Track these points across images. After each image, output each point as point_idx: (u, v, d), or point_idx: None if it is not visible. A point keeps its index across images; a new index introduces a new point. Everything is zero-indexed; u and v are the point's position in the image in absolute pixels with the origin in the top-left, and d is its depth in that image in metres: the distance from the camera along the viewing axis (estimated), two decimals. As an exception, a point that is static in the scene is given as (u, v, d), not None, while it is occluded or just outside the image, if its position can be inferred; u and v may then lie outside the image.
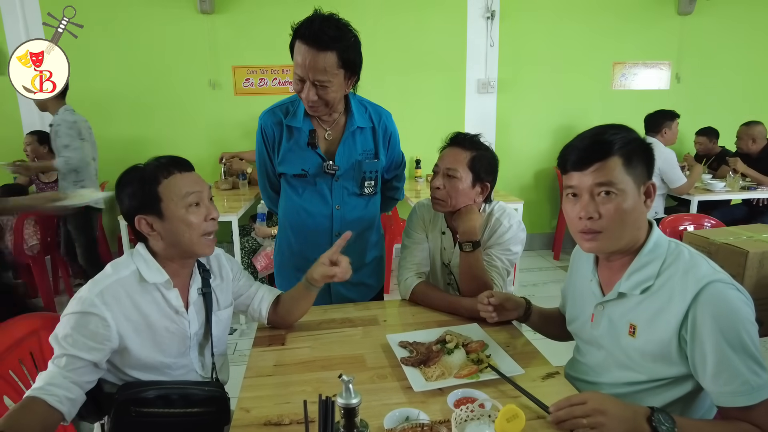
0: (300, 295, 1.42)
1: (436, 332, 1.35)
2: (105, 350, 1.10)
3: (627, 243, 1.09)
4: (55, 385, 1.02)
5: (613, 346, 1.14)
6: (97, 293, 1.10)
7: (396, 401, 1.08)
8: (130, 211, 1.18)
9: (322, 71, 1.39)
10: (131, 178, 1.18)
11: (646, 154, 1.07)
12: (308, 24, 1.38)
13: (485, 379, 1.14)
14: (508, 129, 4.64)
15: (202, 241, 1.20)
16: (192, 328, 1.25)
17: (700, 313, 0.97)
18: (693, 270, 1.01)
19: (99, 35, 3.99)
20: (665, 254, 1.07)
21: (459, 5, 4.36)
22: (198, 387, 1.21)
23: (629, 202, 1.04)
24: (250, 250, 3.36)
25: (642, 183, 1.06)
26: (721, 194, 3.77)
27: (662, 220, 2.40)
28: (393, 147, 1.71)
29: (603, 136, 1.06)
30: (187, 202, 1.17)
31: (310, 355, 1.31)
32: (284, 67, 4.25)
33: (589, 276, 1.22)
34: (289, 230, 1.71)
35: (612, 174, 1.03)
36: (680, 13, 4.58)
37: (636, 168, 1.05)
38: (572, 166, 1.08)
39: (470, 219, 1.54)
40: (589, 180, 1.05)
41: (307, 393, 1.12)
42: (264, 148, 1.65)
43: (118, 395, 1.13)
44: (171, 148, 4.24)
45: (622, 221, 1.05)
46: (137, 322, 1.15)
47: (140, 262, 1.19)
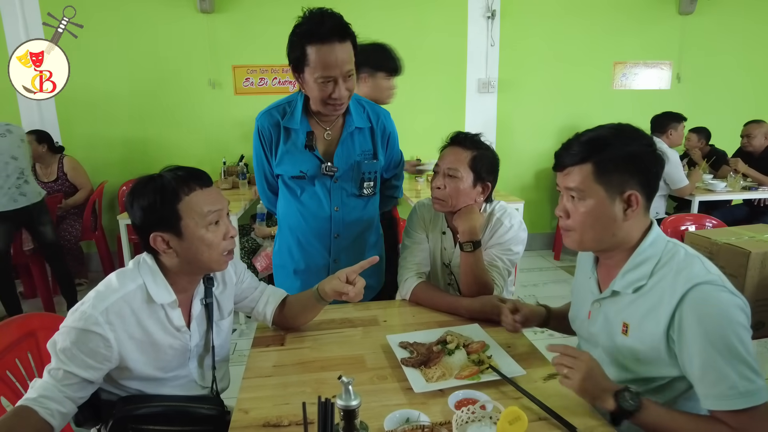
0: (309, 304, 1.39)
1: (437, 333, 1.34)
2: (103, 369, 1.07)
3: (604, 245, 1.11)
4: (49, 398, 1.01)
5: (608, 344, 1.15)
6: (102, 311, 1.05)
7: (396, 402, 1.07)
8: (144, 226, 1.11)
9: (349, 61, 1.40)
10: (148, 191, 1.10)
11: (632, 164, 1.05)
12: (319, 24, 1.36)
13: (486, 380, 1.13)
14: (509, 129, 4.63)
15: (222, 259, 1.16)
16: (193, 341, 1.22)
17: (687, 315, 0.97)
18: (685, 271, 1.01)
19: (98, 34, 3.98)
20: (660, 254, 1.07)
21: (459, 5, 4.35)
22: (198, 405, 1.18)
23: (597, 208, 1.07)
24: (249, 250, 3.35)
25: (619, 192, 1.06)
26: (723, 194, 3.76)
27: (663, 220, 2.39)
28: (392, 147, 1.70)
29: (578, 141, 1.09)
30: (208, 221, 1.12)
31: (310, 355, 1.30)
32: (284, 67, 4.24)
33: (589, 273, 1.23)
34: (288, 232, 1.70)
35: (578, 180, 1.07)
36: (681, 12, 4.57)
37: (611, 176, 1.05)
38: (553, 166, 1.15)
39: (471, 219, 1.53)
40: (563, 182, 1.12)
41: (307, 394, 1.11)
42: (261, 149, 1.64)
43: (116, 411, 1.11)
44: (171, 148, 4.29)
45: (587, 224, 1.09)
46: (141, 341, 1.12)
47: (147, 276, 1.13)
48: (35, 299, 3.67)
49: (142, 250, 1.18)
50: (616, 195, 1.06)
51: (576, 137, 1.11)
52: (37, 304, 3.57)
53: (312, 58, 1.38)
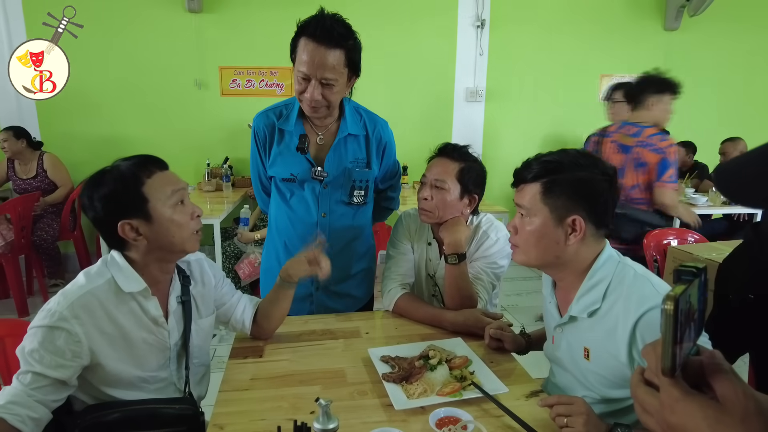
0: (276, 296, 1.38)
1: (419, 346, 1.32)
2: (74, 367, 1.03)
3: (548, 264, 1.15)
4: (18, 404, 0.97)
5: (573, 369, 1.15)
6: (68, 306, 1.03)
7: (376, 420, 1.04)
8: (108, 216, 1.08)
9: (330, 69, 1.37)
10: (107, 180, 1.08)
11: (579, 190, 1.07)
12: (318, 21, 1.35)
13: (468, 397, 1.11)
14: (496, 138, 4.65)
15: (193, 238, 1.16)
16: (172, 339, 1.19)
17: (647, 337, 0.98)
18: (635, 294, 1.02)
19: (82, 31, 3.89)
20: (611, 276, 1.08)
21: (449, 14, 4.37)
22: (168, 405, 1.14)
23: (541, 228, 1.10)
24: (231, 255, 3.29)
25: (563, 216, 1.07)
26: (704, 209, 3.81)
27: (647, 234, 2.41)
28: (388, 157, 1.68)
29: (536, 161, 1.12)
30: (173, 201, 1.11)
31: (289, 368, 1.26)
32: (272, 69, 4.21)
33: (549, 298, 1.24)
34: (276, 235, 1.68)
35: (527, 198, 1.11)
36: (666, 29, 4.65)
37: (557, 200, 1.07)
38: (512, 183, 1.20)
39: (457, 231, 1.52)
40: (516, 198, 1.16)
41: (284, 409, 1.08)
42: (257, 149, 1.63)
43: (80, 420, 1.06)
44: (154, 148, 4.15)
45: (530, 243, 1.12)
46: (112, 336, 1.09)
47: (116, 270, 1.11)
48: (8, 300, 3.55)
49: (109, 246, 1.15)
50: (560, 218, 1.08)
51: (536, 157, 1.14)
52: (9, 306, 3.47)
53: (298, 52, 1.39)
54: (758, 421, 0.46)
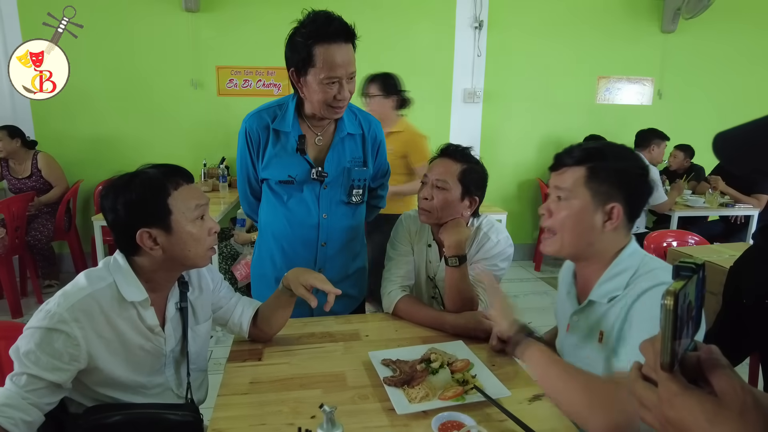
0: (278, 303, 1.36)
1: (420, 349, 1.31)
2: (71, 371, 1.01)
3: (580, 252, 1.14)
4: (11, 407, 0.94)
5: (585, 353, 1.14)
6: (68, 308, 1.01)
7: (377, 424, 1.03)
8: (130, 222, 1.06)
9: (352, 62, 1.41)
10: (134, 186, 1.06)
11: (621, 179, 1.09)
12: (326, 24, 1.34)
13: (471, 401, 1.09)
14: (493, 139, 4.64)
15: (207, 254, 1.15)
16: (168, 346, 1.18)
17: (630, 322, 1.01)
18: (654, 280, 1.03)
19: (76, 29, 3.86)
20: (638, 266, 1.09)
21: (447, 14, 4.36)
22: (171, 411, 1.13)
23: (580, 212, 1.09)
24: (228, 256, 3.27)
25: (603, 202, 1.08)
26: (701, 210, 3.83)
27: (647, 236, 2.41)
28: (381, 156, 1.68)
29: (579, 147, 1.13)
30: (195, 215, 1.11)
31: (288, 372, 1.25)
32: (270, 69, 4.18)
33: (568, 287, 1.25)
34: (271, 239, 1.65)
35: (569, 181, 1.11)
36: (663, 31, 4.66)
37: (601, 185, 1.08)
38: (550, 167, 1.18)
39: (457, 233, 1.50)
40: (555, 181, 1.14)
41: (284, 414, 1.06)
42: (247, 152, 1.59)
43: (82, 421, 1.04)
44: (150, 148, 4.19)
45: (567, 226, 1.11)
46: (110, 340, 1.07)
47: (118, 275, 1.09)
48: (1, 301, 3.52)
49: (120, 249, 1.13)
50: (599, 204, 1.09)
51: (578, 144, 1.15)
52: (2, 307, 3.43)
53: (319, 59, 1.36)
54: (756, 415, 0.47)
